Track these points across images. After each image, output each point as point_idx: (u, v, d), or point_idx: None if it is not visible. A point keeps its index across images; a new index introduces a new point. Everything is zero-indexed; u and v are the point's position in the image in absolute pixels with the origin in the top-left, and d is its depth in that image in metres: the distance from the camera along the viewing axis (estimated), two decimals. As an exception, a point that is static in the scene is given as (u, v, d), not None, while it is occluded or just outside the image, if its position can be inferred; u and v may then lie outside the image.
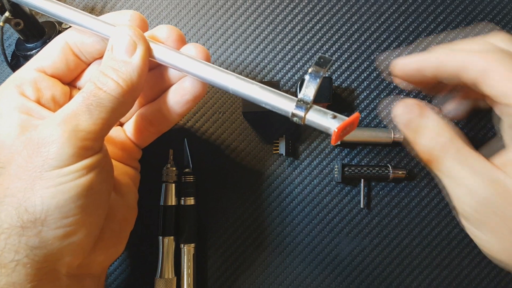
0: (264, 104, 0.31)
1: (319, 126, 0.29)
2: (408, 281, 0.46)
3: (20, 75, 0.34)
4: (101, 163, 0.32)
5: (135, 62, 0.32)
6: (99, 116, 0.31)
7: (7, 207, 0.29)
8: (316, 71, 0.30)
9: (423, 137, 0.31)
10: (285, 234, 0.47)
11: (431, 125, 0.31)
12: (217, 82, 0.33)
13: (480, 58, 0.30)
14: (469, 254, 0.46)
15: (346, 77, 0.48)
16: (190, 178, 0.45)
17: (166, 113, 0.37)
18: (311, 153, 0.47)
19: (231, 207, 0.47)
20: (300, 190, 0.47)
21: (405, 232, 0.46)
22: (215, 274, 0.46)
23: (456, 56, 0.31)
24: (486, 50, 0.31)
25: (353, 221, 0.46)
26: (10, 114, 0.32)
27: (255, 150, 0.48)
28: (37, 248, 0.29)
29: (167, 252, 0.44)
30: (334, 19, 0.49)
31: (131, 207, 0.38)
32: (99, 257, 0.34)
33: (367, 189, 0.47)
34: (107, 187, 0.33)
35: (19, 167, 0.29)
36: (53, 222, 0.29)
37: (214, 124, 0.48)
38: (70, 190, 0.29)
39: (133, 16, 0.35)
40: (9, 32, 0.50)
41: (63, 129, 0.29)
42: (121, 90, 0.31)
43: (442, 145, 0.30)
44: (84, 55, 0.36)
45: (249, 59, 0.49)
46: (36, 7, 0.35)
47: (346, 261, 0.46)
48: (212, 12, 0.50)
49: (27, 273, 0.29)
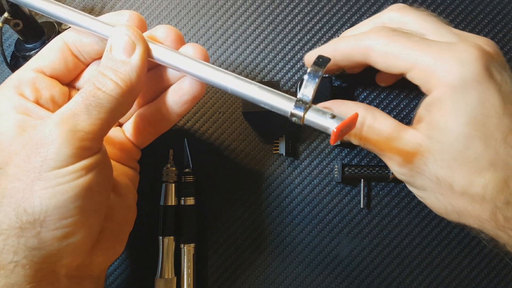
0: (263, 104, 0.31)
1: (318, 126, 0.29)
2: (408, 281, 0.46)
3: (19, 76, 0.34)
4: (100, 164, 0.32)
5: (134, 62, 0.32)
6: (98, 117, 0.31)
7: (5, 208, 0.29)
8: (315, 70, 0.30)
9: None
10: (285, 234, 0.46)
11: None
12: (216, 82, 0.33)
13: (364, 38, 0.35)
14: (469, 254, 0.46)
15: (346, 77, 0.48)
16: (190, 178, 0.45)
17: (165, 113, 0.37)
18: (311, 153, 0.47)
19: (231, 207, 0.47)
20: (300, 190, 0.47)
21: (405, 232, 0.46)
22: (215, 274, 0.46)
23: (350, 44, 0.36)
24: (369, 30, 0.36)
25: (353, 221, 0.46)
26: (9, 114, 0.32)
27: (255, 150, 0.48)
28: (36, 249, 0.29)
29: (167, 252, 0.44)
30: (334, 19, 0.49)
31: (130, 208, 0.38)
32: (98, 258, 0.34)
33: (367, 189, 0.47)
34: (106, 188, 0.33)
35: (18, 168, 0.29)
36: (52, 223, 0.29)
37: (214, 124, 0.48)
38: (69, 191, 0.29)
39: (132, 16, 0.35)
40: (9, 33, 0.50)
41: (62, 129, 0.29)
42: (120, 91, 0.31)
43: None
44: (83, 56, 0.36)
45: (249, 59, 0.49)
46: (35, 8, 0.35)
47: (346, 261, 0.46)
48: (212, 12, 0.50)
49: (26, 274, 0.29)
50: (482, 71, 0.31)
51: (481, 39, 0.34)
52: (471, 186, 0.32)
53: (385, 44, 0.34)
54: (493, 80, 0.31)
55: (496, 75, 0.32)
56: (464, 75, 0.31)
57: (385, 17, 0.38)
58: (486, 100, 0.31)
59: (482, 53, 0.31)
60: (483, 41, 0.34)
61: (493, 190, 0.31)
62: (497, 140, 0.31)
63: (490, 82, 0.31)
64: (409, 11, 0.36)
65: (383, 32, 0.34)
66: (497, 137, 0.31)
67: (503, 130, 0.31)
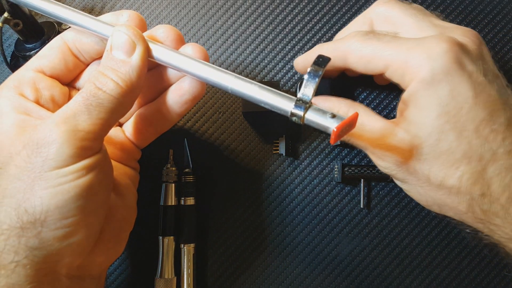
0: (263, 103, 0.31)
1: (318, 126, 0.29)
2: (408, 281, 0.46)
3: (19, 76, 0.34)
4: (101, 164, 0.32)
5: (134, 62, 0.32)
6: (98, 116, 0.31)
7: (6, 208, 0.29)
8: (314, 70, 0.30)
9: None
10: (285, 234, 0.46)
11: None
12: (216, 82, 0.33)
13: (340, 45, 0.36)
14: (469, 254, 0.46)
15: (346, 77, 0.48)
16: (190, 178, 0.45)
17: (166, 113, 0.37)
18: (311, 153, 0.47)
19: (231, 207, 0.47)
20: (300, 190, 0.47)
21: (405, 232, 0.46)
22: (215, 274, 0.46)
23: (329, 49, 0.37)
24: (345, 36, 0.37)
25: (353, 221, 0.46)
26: (9, 115, 0.32)
27: (255, 150, 0.48)
28: (36, 249, 0.29)
29: (167, 252, 0.44)
30: (334, 19, 0.49)
31: (131, 208, 0.38)
32: (99, 257, 0.34)
33: (367, 189, 0.47)
34: (107, 188, 0.33)
35: (18, 168, 0.29)
36: (53, 223, 0.29)
37: (214, 124, 0.48)
38: (69, 191, 0.29)
39: (132, 16, 0.35)
40: (9, 33, 0.50)
41: (62, 129, 0.29)
42: (121, 90, 0.32)
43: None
44: (83, 56, 0.36)
45: (249, 59, 0.49)
46: (35, 8, 0.35)
47: (346, 261, 0.46)
48: (212, 12, 0.50)
49: (27, 274, 0.29)
50: (451, 64, 0.31)
51: (460, 30, 0.34)
52: (447, 178, 0.32)
53: (359, 48, 0.35)
54: (464, 71, 0.31)
55: (467, 65, 0.32)
56: (434, 69, 0.31)
57: (372, 13, 0.38)
58: (456, 92, 0.31)
59: (451, 45, 0.32)
60: (461, 31, 0.34)
61: (468, 182, 0.32)
62: (470, 132, 0.31)
63: (460, 73, 0.31)
64: (394, 5, 0.37)
65: (356, 37, 0.35)
66: (469, 128, 0.31)
67: (474, 121, 0.31)
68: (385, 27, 0.37)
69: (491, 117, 0.31)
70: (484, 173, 0.31)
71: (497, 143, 0.31)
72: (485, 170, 0.31)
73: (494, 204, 0.31)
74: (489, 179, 0.31)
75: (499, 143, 0.31)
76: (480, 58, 0.33)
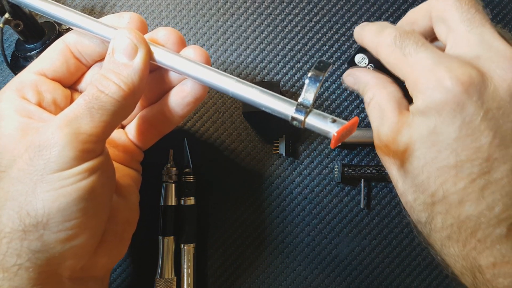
0: (264, 107, 0.31)
1: (319, 130, 0.30)
2: (408, 281, 0.46)
3: (21, 79, 0.34)
4: (103, 166, 0.32)
5: (136, 65, 0.32)
6: (100, 119, 0.31)
7: (8, 211, 0.29)
8: (315, 75, 0.30)
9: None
10: (285, 234, 0.47)
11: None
12: (217, 85, 0.33)
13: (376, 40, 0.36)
14: (468, 254, 0.46)
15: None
16: (190, 178, 0.45)
17: (168, 115, 0.37)
18: (311, 153, 0.47)
19: (231, 207, 0.47)
20: (300, 190, 0.47)
21: (405, 232, 0.46)
22: (215, 274, 0.47)
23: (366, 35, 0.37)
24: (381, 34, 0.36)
25: (353, 221, 0.47)
26: (11, 117, 0.32)
27: (255, 150, 0.48)
28: (39, 252, 0.29)
29: (167, 252, 0.44)
30: (334, 19, 0.49)
31: (133, 209, 0.38)
32: (101, 259, 0.34)
33: (367, 189, 0.47)
34: (109, 190, 0.33)
35: (21, 171, 0.29)
36: (55, 226, 0.29)
37: (214, 124, 0.48)
38: (71, 193, 0.30)
39: (133, 18, 0.35)
40: (9, 33, 0.50)
41: (65, 132, 0.29)
42: (123, 93, 0.32)
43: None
44: (84, 58, 0.36)
45: (249, 59, 0.49)
46: (36, 9, 0.35)
47: (346, 261, 0.46)
48: (212, 12, 0.50)
49: (30, 277, 0.29)
50: (447, 104, 0.30)
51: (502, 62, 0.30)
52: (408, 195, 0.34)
53: (386, 54, 0.35)
54: (458, 113, 0.30)
55: (468, 108, 0.30)
56: (430, 102, 0.30)
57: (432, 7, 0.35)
58: (439, 130, 0.31)
59: (456, 85, 0.30)
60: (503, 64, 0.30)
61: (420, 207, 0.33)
62: (432, 168, 0.31)
63: (452, 115, 0.30)
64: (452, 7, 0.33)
65: (388, 39, 0.34)
66: (435, 164, 0.31)
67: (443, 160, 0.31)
68: (437, 28, 0.35)
69: (464, 163, 0.30)
70: (434, 207, 0.32)
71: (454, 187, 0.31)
72: (434, 205, 0.32)
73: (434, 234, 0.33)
74: (435, 214, 0.32)
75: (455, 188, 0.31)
76: (495, 101, 0.30)
